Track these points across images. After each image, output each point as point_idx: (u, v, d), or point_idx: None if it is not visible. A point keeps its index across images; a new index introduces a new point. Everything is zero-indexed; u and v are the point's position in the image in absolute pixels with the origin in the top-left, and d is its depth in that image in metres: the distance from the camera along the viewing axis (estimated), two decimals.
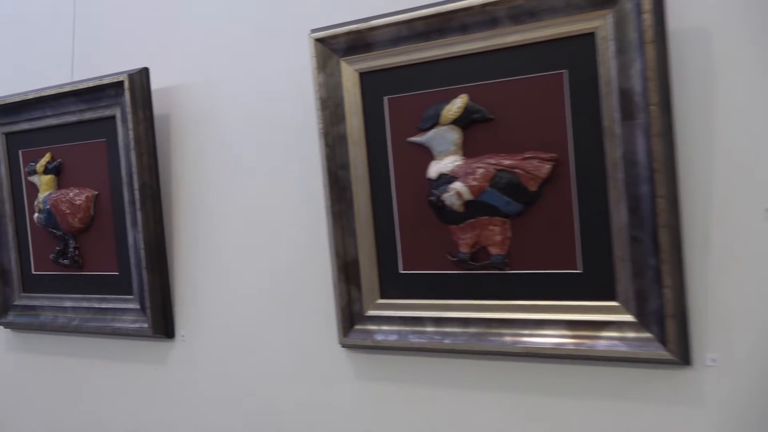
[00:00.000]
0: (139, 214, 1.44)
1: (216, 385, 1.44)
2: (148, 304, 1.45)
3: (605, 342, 1.02)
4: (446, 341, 1.14)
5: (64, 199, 1.56)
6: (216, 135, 1.43)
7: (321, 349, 1.30)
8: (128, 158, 1.45)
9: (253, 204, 1.38)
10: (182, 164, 1.48)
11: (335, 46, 1.20)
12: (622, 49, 0.98)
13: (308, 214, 1.31)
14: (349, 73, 1.20)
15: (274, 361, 1.36)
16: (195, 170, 1.46)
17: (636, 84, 0.97)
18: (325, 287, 1.28)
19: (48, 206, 1.58)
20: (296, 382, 1.34)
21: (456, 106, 1.11)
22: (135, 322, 1.49)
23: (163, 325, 1.47)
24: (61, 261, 1.60)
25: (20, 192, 1.68)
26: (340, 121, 1.21)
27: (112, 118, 1.49)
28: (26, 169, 1.65)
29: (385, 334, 1.20)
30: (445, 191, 1.12)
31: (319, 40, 1.20)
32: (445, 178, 1.12)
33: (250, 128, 1.38)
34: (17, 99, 1.61)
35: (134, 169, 1.43)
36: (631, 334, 1.01)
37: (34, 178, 1.63)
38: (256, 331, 1.39)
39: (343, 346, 1.25)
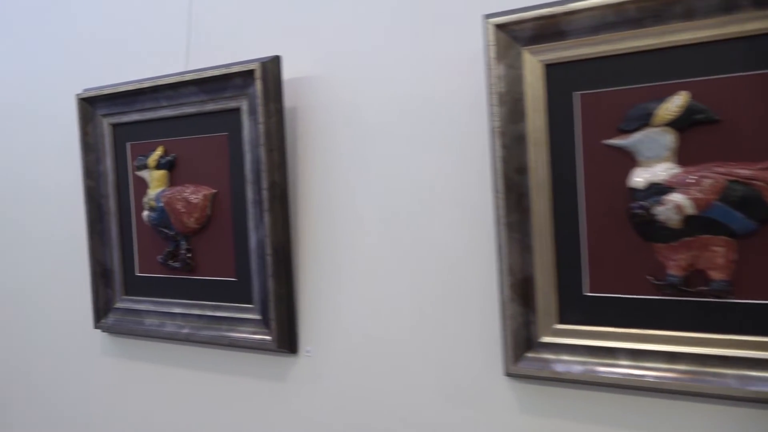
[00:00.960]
0: (266, 215, 1.31)
1: (345, 411, 1.30)
2: (272, 315, 1.32)
3: None
4: (649, 378, 0.98)
5: (179, 197, 1.44)
6: (355, 130, 1.29)
7: (478, 377, 1.15)
8: (255, 154, 1.33)
9: (398, 208, 1.24)
10: (312, 162, 1.34)
11: (518, 34, 1.05)
12: None
13: (468, 222, 1.16)
14: (532, 64, 1.05)
15: (418, 388, 1.21)
16: (328, 169, 1.32)
17: None
18: (485, 306, 1.13)
19: (161, 204, 1.47)
20: (445, 413, 1.19)
21: (675, 104, 0.95)
22: (256, 333, 1.35)
23: (288, 339, 1.34)
24: (171, 263, 1.48)
25: (126, 187, 1.57)
26: (520, 119, 1.06)
27: (237, 110, 1.37)
28: (135, 163, 1.53)
29: (566, 364, 1.05)
30: (658, 203, 0.96)
31: (499, 27, 1.05)
32: (657, 188, 0.96)
33: (399, 124, 1.23)
34: (129, 88, 1.50)
35: (263, 167, 1.30)
36: None
37: (144, 173, 1.51)
38: (396, 352, 1.24)
39: (509, 374, 1.10)
